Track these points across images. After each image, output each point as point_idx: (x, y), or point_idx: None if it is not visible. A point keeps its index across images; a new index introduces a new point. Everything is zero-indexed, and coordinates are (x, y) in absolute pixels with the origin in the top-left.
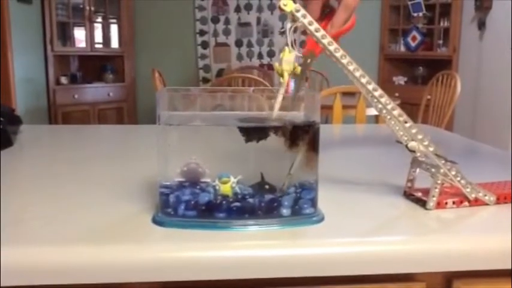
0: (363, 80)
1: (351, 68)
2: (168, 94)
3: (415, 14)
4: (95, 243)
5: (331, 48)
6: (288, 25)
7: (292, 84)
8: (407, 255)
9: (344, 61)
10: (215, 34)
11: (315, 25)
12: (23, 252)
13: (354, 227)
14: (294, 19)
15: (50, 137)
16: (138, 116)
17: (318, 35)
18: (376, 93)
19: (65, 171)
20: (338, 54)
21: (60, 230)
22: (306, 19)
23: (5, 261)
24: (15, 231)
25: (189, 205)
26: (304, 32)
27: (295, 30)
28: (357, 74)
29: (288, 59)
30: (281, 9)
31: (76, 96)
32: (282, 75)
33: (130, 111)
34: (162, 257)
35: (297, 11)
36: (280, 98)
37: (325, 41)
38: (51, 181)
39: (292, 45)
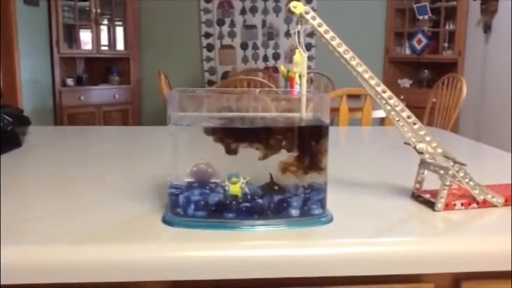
0: (372, 82)
1: (360, 69)
2: (179, 95)
3: (421, 17)
4: (105, 243)
5: (341, 50)
6: (298, 28)
7: (297, 87)
8: (415, 256)
9: (353, 63)
10: (220, 36)
11: (324, 27)
12: (33, 251)
13: (363, 228)
14: (303, 21)
15: (58, 138)
16: (143, 118)
17: (327, 36)
18: (385, 95)
19: (73, 172)
20: (347, 56)
21: (70, 230)
22: (316, 21)
23: (15, 260)
24: (25, 230)
25: (198, 205)
26: (311, 34)
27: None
28: (366, 75)
29: (298, 61)
30: (290, 12)
31: (82, 98)
32: (287, 77)
33: (136, 113)
34: (171, 257)
35: (307, 13)
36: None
37: (334, 43)
38: (59, 181)
39: (302, 48)
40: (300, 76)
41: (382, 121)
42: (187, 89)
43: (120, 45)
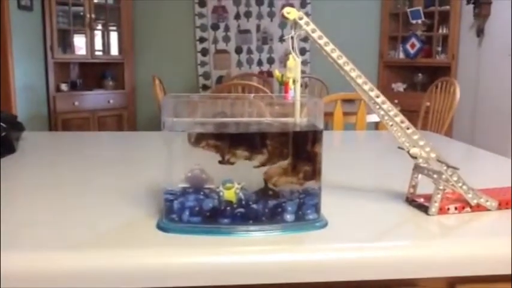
0: (366, 87)
1: (353, 74)
2: (173, 101)
3: (414, 21)
4: (99, 249)
5: (334, 55)
6: (292, 33)
7: (292, 91)
8: (410, 260)
9: (347, 68)
10: (215, 41)
11: (318, 32)
12: (27, 257)
13: (357, 233)
14: (296, 27)
15: (52, 143)
16: (138, 122)
17: (321, 42)
18: (379, 100)
19: (67, 178)
20: (341, 62)
21: (64, 235)
22: (309, 27)
23: (10, 266)
24: (20, 236)
25: (193, 211)
26: (305, 39)
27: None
28: (360, 80)
29: (292, 67)
30: (284, 17)
31: (76, 103)
32: (281, 82)
33: (130, 118)
34: (166, 263)
35: (300, 18)
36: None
37: (328, 48)
38: (54, 187)
39: (296, 53)
40: (293, 81)
41: (376, 125)
42: (181, 94)
43: (114, 50)
